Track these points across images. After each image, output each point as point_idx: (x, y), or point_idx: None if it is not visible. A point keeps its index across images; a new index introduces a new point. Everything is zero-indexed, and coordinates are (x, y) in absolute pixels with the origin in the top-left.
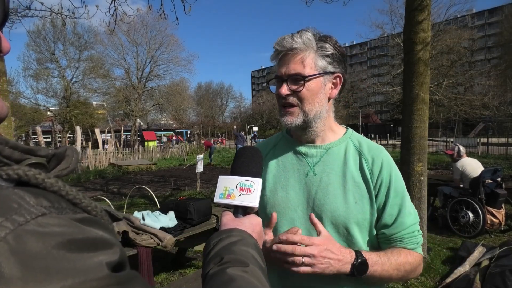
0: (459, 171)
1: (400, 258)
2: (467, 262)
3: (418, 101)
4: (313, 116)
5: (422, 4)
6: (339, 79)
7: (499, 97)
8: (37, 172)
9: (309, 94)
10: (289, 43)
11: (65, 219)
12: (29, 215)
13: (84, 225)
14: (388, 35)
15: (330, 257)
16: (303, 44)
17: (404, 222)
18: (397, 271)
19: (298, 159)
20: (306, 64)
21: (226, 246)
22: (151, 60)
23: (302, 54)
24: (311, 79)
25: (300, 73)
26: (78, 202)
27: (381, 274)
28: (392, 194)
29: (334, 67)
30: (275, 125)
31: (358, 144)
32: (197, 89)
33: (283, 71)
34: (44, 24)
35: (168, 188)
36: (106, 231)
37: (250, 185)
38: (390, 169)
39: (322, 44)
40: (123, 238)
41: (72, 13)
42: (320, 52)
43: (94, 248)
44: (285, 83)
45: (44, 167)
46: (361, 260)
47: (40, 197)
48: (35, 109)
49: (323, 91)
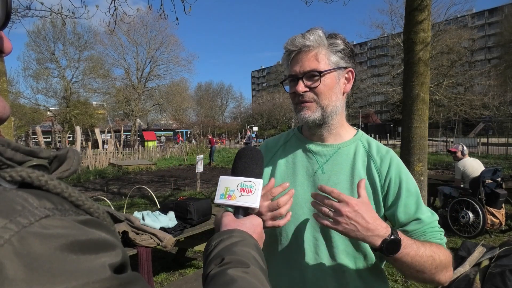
0: (460, 171)
1: (432, 247)
2: (467, 262)
3: (418, 101)
4: (330, 111)
5: (422, 4)
6: (351, 73)
7: (499, 97)
8: (40, 174)
9: (326, 89)
10: (301, 42)
11: (68, 221)
12: (33, 217)
13: (87, 227)
14: (388, 35)
15: (359, 221)
16: (315, 42)
17: (424, 218)
18: (431, 261)
19: (307, 157)
20: (320, 60)
21: (227, 247)
22: (151, 60)
23: (315, 51)
24: (326, 74)
25: (315, 69)
26: (80, 204)
27: (414, 258)
28: (405, 193)
29: (346, 62)
30: (275, 125)
31: (367, 146)
32: (197, 89)
33: (297, 69)
34: (44, 24)
35: (168, 188)
36: (109, 232)
37: (251, 185)
38: (399, 170)
39: (332, 40)
40: (123, 238)
41: (72, 13)
42: (332, 48)
43: (97, 249)
44: (301, 80)
45: (46, 169)
46: (395, 238)
47: (44, 199)
48: (35, 109)
49: (338, 85)
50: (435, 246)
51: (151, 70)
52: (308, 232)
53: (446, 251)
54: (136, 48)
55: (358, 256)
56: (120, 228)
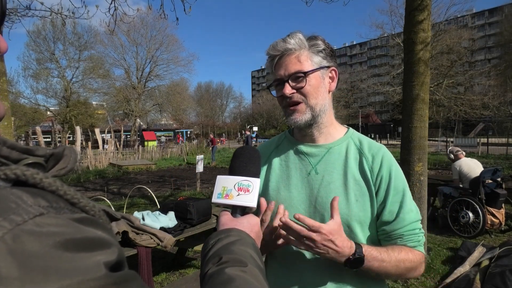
0: (457, 171)
1: (400, 255)
2: (467, 262)
3: (418, 101)
4: (319, 110)
5: (422, 4)
6: (335, 72)
7: (499, 97)
8: (35, 172)
9: (312, 89)
10: (282, 46)
11: (63, 218)
12: (26, 215)
13: (82, 225)
14: (388, 35)
15: (330, 246)
16: (296, 44)
17: (404, 219)
18: (396, 268)
19: (300, 159)
20: (303, 61)
21: (225, 246)
22: (151, 60)
23: (297, 53)
24: (310, 74)
25: (299, 70)
26: (76, 202)
27: (379, 269)
28: (392, 192)
29: (328, 61)
30: (275, 125)
31: (358, 143)
32: (197, 89)
33: (282, 73)
34: (44, 24)
35: (168, 188)
36: (104, 230)
37: (248, 185)
38: (390, 167)
39: (313, 42)
40: (123, 238)
41: (72, 13)
42: (313, 49)
43: (92, 247)
44: (287, 83)
45: (42, 167)
46: (358, 257)
47: (38, 197)
48: (35, 109)
49: (323, 84)
50: (404, 253)
51: (151, 70)
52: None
53: (416, 254)
54: (136, 48)
55: None
56: (120, 228)
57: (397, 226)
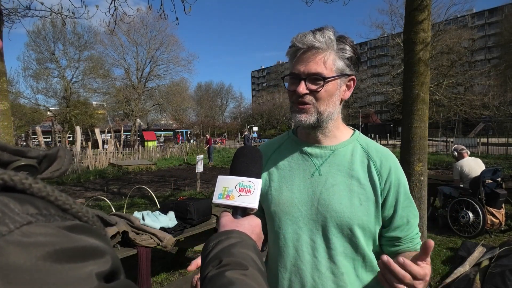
0: (458, 171)
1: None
2: (467, 262)
3: (418, 101)
4: (326, 117)
5: (422, 4)
6: (353, 81)
7: (499, 97)
8: (24, 177)
9: (326, 95)
10: (310, 41)
11: (53, 227)
12: (13, 224)
13: (73, 233)
14: (388, 35)
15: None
16: (325, 44)
17: (413, 223)
18: None
19: (304, 159)
20: (327, 65)
21: (225, 248)
22: (151, 60)
23: (323, 54)
24: (330, 80)
25: (321, 73)
26: (68, 208)
27: None
28: (403, 197)
29: (351, 70)
30: (275, 125)
31: (365, 147)
32: (197, 89)
33: (301, 69)
34: (44, 24)
35: (168, 188)
36: (98, 238)
37: (250, 185)
38: (399, 172)
39: (342, 45)
40: (123, 238)
41: (72, 13)
42: (340, 53)
43: (84, 257)
44: (303, 81)
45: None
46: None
47: (27, 203)
48: (35, 109)
49: (338, 92)
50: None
51: (151, 70)
52: (305, 234)
53: None
54: (136, 48)
55: (357, 258)
56: (120, 228)
57: (409, 230)
